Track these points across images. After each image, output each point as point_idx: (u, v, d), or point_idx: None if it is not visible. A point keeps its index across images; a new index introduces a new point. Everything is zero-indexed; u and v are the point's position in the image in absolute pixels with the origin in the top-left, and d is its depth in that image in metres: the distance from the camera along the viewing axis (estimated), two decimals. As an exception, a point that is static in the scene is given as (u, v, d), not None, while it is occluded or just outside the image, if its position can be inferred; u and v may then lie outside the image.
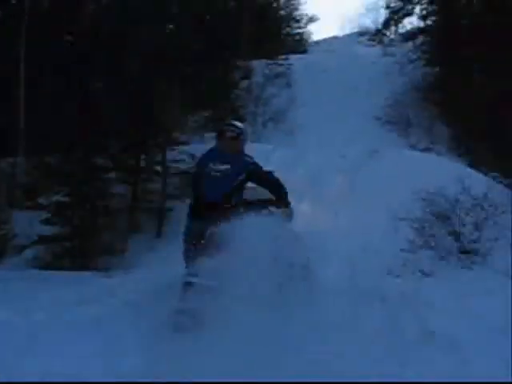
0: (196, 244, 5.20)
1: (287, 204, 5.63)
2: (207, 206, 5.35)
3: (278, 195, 5.63)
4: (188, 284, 5.07)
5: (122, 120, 12.20)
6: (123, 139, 12.64)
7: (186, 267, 5.41)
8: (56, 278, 8.77)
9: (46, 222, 10.84)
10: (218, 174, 5.40)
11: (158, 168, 12.23)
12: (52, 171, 11.93)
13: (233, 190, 5.40)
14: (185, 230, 5.69)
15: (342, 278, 7.93)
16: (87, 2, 17.50)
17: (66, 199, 11.08)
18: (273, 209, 5.54)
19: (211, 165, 5.47)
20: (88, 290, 7.84)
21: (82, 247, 10.70)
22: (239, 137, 5.73)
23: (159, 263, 9.79)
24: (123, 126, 12.23)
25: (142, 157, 12.41)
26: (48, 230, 10.76)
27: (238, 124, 5.98)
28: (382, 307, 6.39)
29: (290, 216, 5.60)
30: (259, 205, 5.53)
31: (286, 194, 5.66)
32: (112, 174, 12.04)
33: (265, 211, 5.35)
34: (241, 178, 5.46)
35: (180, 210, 11.43)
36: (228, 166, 5.40)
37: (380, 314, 6.14)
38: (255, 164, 5.65)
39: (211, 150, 5.82)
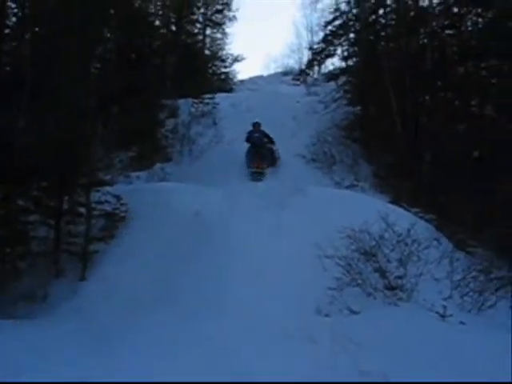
0: (251, 158, 15.92)
1: (274, 144, 16.47)
2: (255, 146, 16.06)
3: (272, 141, 16.38)
4: (251, 172, 15.60)
5: (44, 160, 11.79)
6: (45, 180, 12.21)
7: (249, 167, 15.87)
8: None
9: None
10: (256, 136, 16.24)
11: (82, 210, 11.86)
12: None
13: (262, 142, 16.08)
14: (246, 154, 16.09)
15: (273, 317, 7.93)
16: (7, 38, 17.11)
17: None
18: (270, 145, 16.38)
19: (253, 134, 16.31)
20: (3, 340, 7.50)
21: (0, 293, 10.18)
22: (261, 125, 16.51)
23: (83, 308, 9.47)
24: (45, 166, 11.82)
25: (65, 198, 12.01)
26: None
27: (258, 121, 16.63)
28: (313, 349, 6.39)
29: (275, 147, 16.41)
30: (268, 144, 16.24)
31: (273, 141, 16.34)
32: (33, 217, 11.60)
33: (269, 145, 16.31)
34: (262, 137, 16.25)
35: (104, 253, 11.18)
36: (258, 134, 16.30)
37: (311, 357, 6.14)
38: (265, 132, 16.37)
39: (250, 131, 16.43)
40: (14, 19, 18.05)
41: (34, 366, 6.56)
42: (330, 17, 23.97)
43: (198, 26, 31.61)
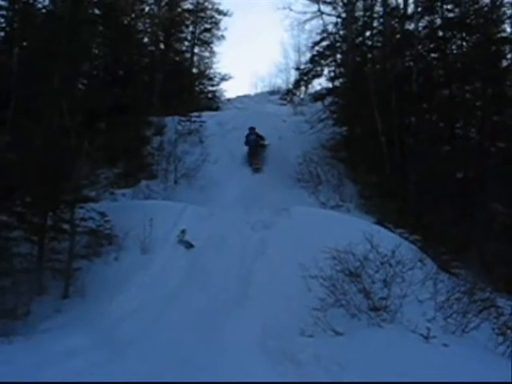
0: (250, 159, 19.10)
1: (265, 140, 19.92)
2: (251, 147, 19.38)
3: (263, 138, 19.85)
4: (252, 169, 18.64)
5: (29, 175, 11.69)
6: (29, 195, 12.11)
7: (250, 165, 18.93)
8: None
9: None
10: (252, 138, 19.54)
11: (66, 226, 11.76)
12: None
13: (256, 143, 19.51)
14: (247, 155, 19.39)
15: (255, 337, 7.89)
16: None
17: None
18: (262, 142, 19.78)
19: (249, 137, 19.59)
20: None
21: (-20, 310, 10.02)
22: (255, 129, 19.76)
23: (65, 326, 9.36)
24: (29, 182, 11.72)
25: (49, 214, 11.90)
26: None
27: (253, 126, 19.96)
28: (295, 370, 6.36)
29: (266, 141, 19.94)
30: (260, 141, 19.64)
31: (264, 138, 19.90)
32: (16, 233, 11.48)
33: (261, 142, 19.71)
34: (257, 139, 19.68)
35: (88, 270, 11.07)
36: (253, 137, 19.59)
37: (293, 378, 6.10)
38: (258, 134, 19.72)
39: (248, 134, 19.63)
40: (1, 34, 18.09)
41: None
42: (318, 38, 24.19)
43: (186, 44, 31.85)
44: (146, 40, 28.44)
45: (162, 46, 29.37)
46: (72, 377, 6.62)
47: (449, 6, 19.00)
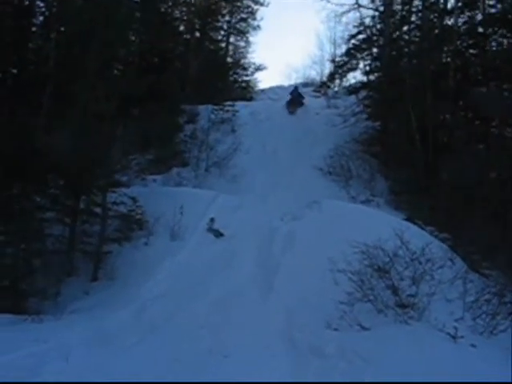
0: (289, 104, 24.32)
1: (304, 98, 25.57)
2: (293, 97, 24.78)
3: (303, 97, 25.50)
4: (288, 111, 23.87)
5: (63, 159, 11.87)
6: (63, 178, 12.31)
7: (287, 108, 24.01)
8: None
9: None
10: (294, 94, 24.97)
11: (98, 210, 11.92)
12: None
13: (298, 95, 25.17)
14: (287, 103, 24.50)
15: (282, 329, 7.93)
16: (33, 36, 17.31)
17: (1, 238, 10.67)
18: (301, 99, 25.12)
19: (293, 93, 25.08)
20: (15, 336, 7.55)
21: (13, 289, 10.25)
22: (298, 88, 26.42)
23: (94, 308, 9.51)
24: (64, 166, 11.90)
25: (82, 198, 12.09)
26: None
27: (297, 85, 28.06)
28: (319, 362, 6.36)
29: (304, 100, 25.43)
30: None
31: (304, 97, 25.85)
32: (49, 214, 11.69)
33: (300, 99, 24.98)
34: (298, 93, 25.42)
35: (118, 254, 11.22)
36: (297, 93, 25.27)
37: (317, 370, 6.11)
38: (300, 93, 25.67)
39: (292, 91, 25.62)
40: (40, 18, 18.30)
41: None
42: (354, 30, 23.94)
43: (222, 33, 31.86)
44: (181, 28, 28.51)
45: (197, 34, 29.43)
46: (99, 361, 6.73)
47: (491, 2, 18.61)
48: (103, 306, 9.47)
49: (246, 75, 32.48)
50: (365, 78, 23.67)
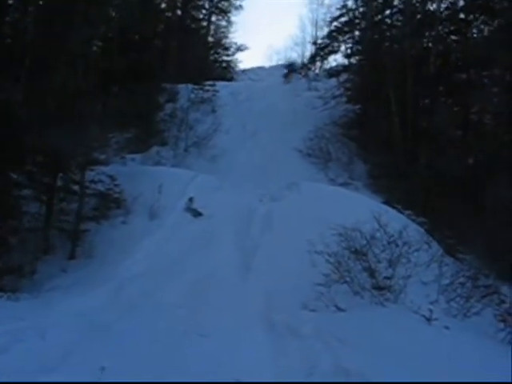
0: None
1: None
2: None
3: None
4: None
5: (41, 136, 11.69)
6: (40, 155, 12.13)
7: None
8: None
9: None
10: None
11: (75, 188, 11.81)
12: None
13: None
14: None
15: (258, 310, 7.96)
16: (10, 9, 16.94)
17: (-25, 215, 10.53)
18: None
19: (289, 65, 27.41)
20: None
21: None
22: (294, 64, 27.22)
23: (71, 286, 9.45)
24: (42, 142, 11.73)
25: (59, 175, 11.94)
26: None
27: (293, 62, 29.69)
28: (295, 343, 6.40)
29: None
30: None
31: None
32: (26, 191, 11.54)
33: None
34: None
35: (96, 233, 11.15)
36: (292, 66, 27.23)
37: (293, 351, 6.15)
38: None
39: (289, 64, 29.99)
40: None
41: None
42: (337, 13, 23.98)
43: (204, 11, 31.55)
44: (163, 6, 28.16)
45: (179, 12, 29.10)
46: (76, 338, 6.68)
47: (473, -12, 18.66)
48: (81, 284, 9.41)
49: (227, 55, 32.35)
50: (346, 61, 23.79)
